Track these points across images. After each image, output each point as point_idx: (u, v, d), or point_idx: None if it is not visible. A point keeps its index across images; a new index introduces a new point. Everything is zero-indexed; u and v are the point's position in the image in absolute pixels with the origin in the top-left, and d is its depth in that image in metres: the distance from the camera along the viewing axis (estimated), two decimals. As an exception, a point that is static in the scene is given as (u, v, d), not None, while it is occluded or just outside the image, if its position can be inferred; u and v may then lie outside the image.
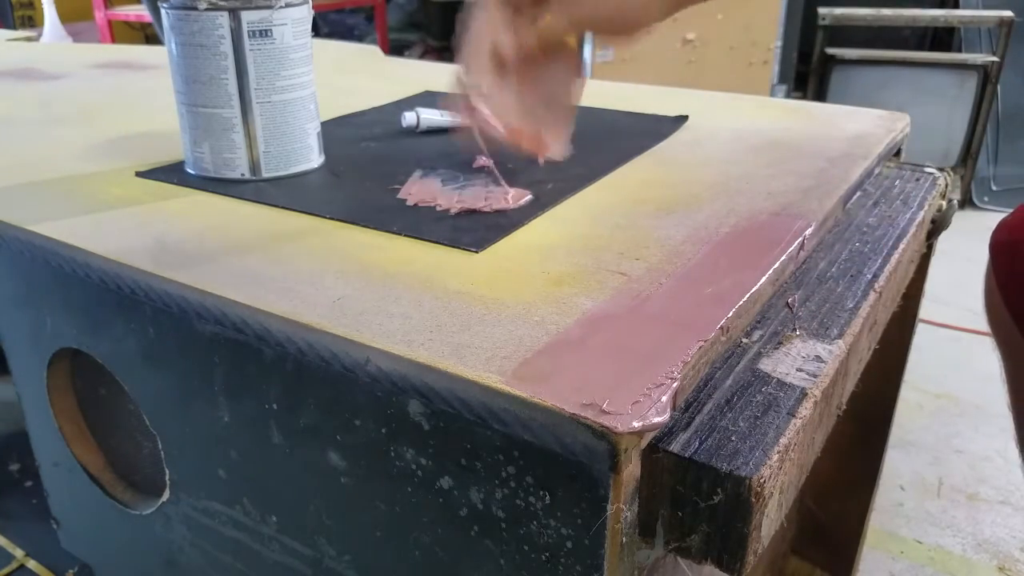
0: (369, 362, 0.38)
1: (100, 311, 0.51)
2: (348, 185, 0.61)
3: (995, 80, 2.23)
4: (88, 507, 0.65)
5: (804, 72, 2.45)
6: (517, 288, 0.43)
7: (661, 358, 0.36)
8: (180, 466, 0.53)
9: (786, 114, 0.79)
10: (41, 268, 0.54)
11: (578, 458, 0.33)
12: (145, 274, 0.47)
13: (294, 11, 0.59)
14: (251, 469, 0.48)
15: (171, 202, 0.58)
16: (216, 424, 0.48)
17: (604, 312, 0.41)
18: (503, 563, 0.38)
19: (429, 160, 0.65)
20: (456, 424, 0.36)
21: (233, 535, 0.52)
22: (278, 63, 0.60)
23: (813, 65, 2.32)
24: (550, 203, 0.55)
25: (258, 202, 0.57)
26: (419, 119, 0.73)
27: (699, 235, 0.50)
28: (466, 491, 0.37)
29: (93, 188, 0.61)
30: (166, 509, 0.56)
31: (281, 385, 0.43)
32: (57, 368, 0.60)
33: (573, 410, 0.32)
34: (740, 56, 2.31)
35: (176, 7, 0.58)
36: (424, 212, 0.54)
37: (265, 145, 0.61)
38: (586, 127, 0.76)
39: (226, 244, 0.50)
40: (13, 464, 1.01)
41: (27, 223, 0.54)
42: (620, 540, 0.34)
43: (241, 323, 0.43)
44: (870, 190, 0.66)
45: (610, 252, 0.48)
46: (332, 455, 0.42)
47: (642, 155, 0.66)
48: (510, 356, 0.37)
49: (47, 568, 0.85)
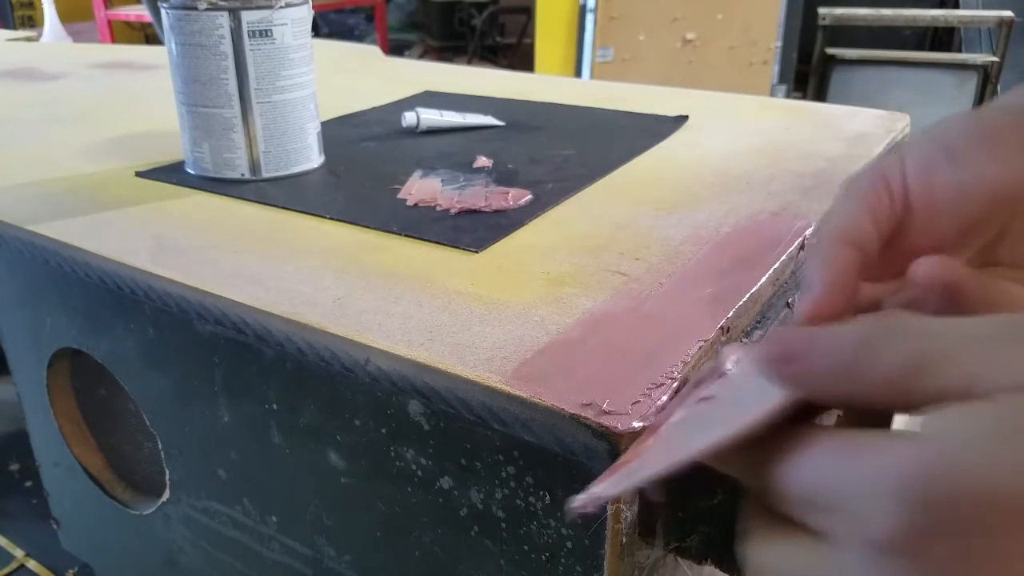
0: (369, 362, 0.38)
1: (100, 311, 0.51)
2: (348, 185, 0.61)
3: (995, 80, 2.23)
4: (88, 507, 0.65)
5: (804, 72, 2.45)
6: (517, 288, 0.43)
7: (661, 358, 0.36)
8: (180, 466, 0.53)
9: (786, 114, 0.79)
10: (41, 268, 0.54)
11: (578, 458, 0.33)
12: (145, 274, 0.47)
13: (294, 11, 0.59)
14: (251, 469, 0.48)
15: (171, 202, 0.58)
16: (216, 424, 0.48)
17: (604, 312, 0.41)
18: (503, 563, 0.38)
19: (429, 160, 0.65)
20: (456, 424, 0.36)
21: (233, 535, 0.52)
22: (278, 63, 0.60)
23: (813, 65, 2.32)
24: (550, 203, 0.55)
25: (258, 202, 0.57)
26: (419, 119, 0.73)
27: (699, 235, 0.50)
28: (466, 491, 0.37)
29: (93, 188, 0.61)
30: (166, 509, 0.56)
31: (281, 385, 0.43)
32: (57, 368, 0.60)
33: (573, 410, 0.32)
34: (740, 56, 2.31)
35: (176, 7, 0.58)
36: (424, 212, 0.54)
37: (265, 145, 0.61)
38: (586, 127, 0.76)
39: (226, 244, 0.50)
40: (13, 464, 1.01)
41: (27, 223, 0.54)
42: (620, 540, 0.34)
43: (241, 323, 0.43)
44: (870, 190, 0.66)
45: (610, 252, 0.48)
46: (332, 455, 0.42)
47: (642, 155, 0.66)
48: (510, 356, 0.37)
49: (47, 568, 0.85)
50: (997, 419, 0.19)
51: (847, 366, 0.22)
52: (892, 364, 0.22)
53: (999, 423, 0.19)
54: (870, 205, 0.28)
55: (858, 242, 0.28)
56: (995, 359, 0.20)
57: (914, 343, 0.22)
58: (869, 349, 0.22)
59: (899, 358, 0.22)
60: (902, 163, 0.29)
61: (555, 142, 0.70)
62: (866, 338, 0.22)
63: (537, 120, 0.78)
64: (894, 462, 0.20)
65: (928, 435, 0.20)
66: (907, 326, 0.22)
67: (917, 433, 0.21)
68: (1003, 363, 0.20)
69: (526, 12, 3.77)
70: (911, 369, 0.21)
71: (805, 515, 0.22)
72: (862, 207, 0.28)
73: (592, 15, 2.14)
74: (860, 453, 0.21)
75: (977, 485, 0.18)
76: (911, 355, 0.21)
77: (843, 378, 0.22)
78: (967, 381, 0.20)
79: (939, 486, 0.19)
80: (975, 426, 0.19)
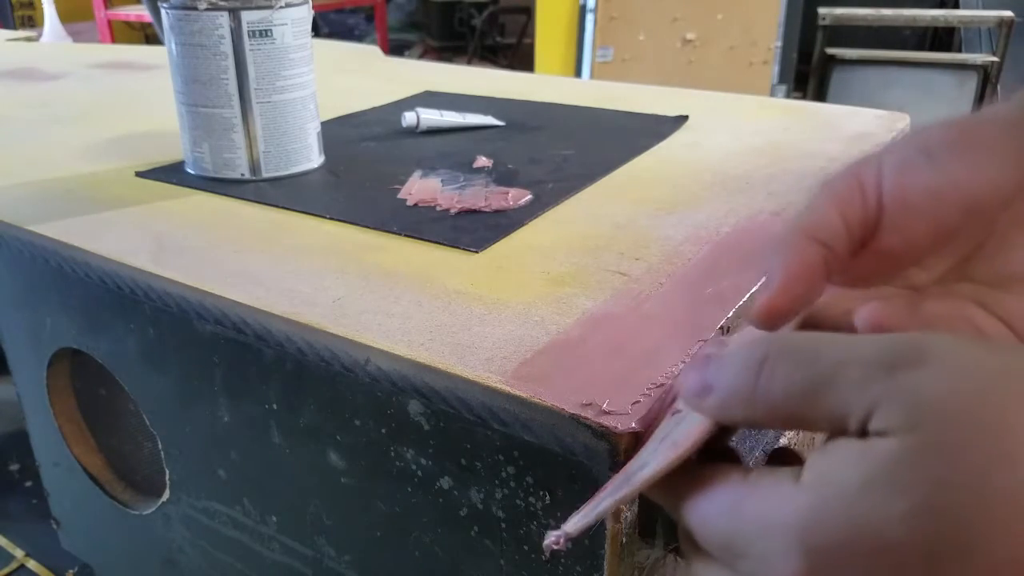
0: (369, 362, 0.38)
1: (100, 311, 0.51)
2: (348, 185, 0.61)
3: (995, 80, 2.23)
4: (88, 507, 0.65)
5: (804, 72, 2.45)
6: (517, 288, 0.43)
7: (661, 358, 0.36)
8: (180, 466, 0.53)
9: (786, 114, 0.79)
10: (41, 268, 0.54)
11: (578, 458, 0.33)
12: (145, 274, 0.47)
13: (294, 11, 0.59)
14: (251, 469, 0.48)
15: (171, 202, 0.58)
16: (216, 424, 0.48)
17: (604, 312, 0.41)
18: (503, 563, 0.38)
19: (429, 160, 0.65)
20: (456, 424, 0.36)
21: (233, 535, 0.52)
22: (278, 63, 0.60)
23: (813, 65, 2.32)
24: (550, 203, 0.55)
25: (258, 202, 0.57)
26: (419, 119, 0.73)
27: (699, 235, 0.50)
28: (466, 491, 0.37)
29: (93, 188, 0.61)
30: (166, 509, 0.56)
31: (281, 385, 0.43)
32: (57, 368, 0.60)
33: (573, 410, 0.32)
34: (740, 56, 2.31)
35: (176, 7, 0.58)
36: (424, 212, 0.54)
37: (265, 145, 0.61)
38: (586, 127, 0.76)
39: (226, 244, 0.50)
40: (13, 464, 1.01)
41: (27, 223, 0.54)
42: (620, 540, 0.34)
43: (241, 323, 0.43)
44: (870, 190, 0.66)
45: (610, 252, 0.48)
46: (332, 455, 0.42)
47: (642, 155, 0.66)
48: (510, 356, 0.37)
49: (47, 568, 0.85)
50: (889, 464, 0.19)
51: (746, 394, 0.22)
52: (782, 390, 0.22)
53: (891, 468, 0.19)
54: (841, 203, 0.28)
55: (824, 239, 0.27)
56: (886, 389, 0.20)
57: (802, 367, 0.21)
58: (762, 374, 0.22)
59: (787, 383, 0.22)
60: (879, 164, 0.28)
61: (555, 142, 0.70)
62: (758, 361, 0.22)
63: (537, 120, 0.78)
64: (787, 508, 0.20)
65: (817, 478, 0.20)
66: (796, 346, 0.22)
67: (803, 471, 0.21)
68: (893, 394, 0.20)
69: (526, 12, 3.77)
70: (801, 395, 0.21)
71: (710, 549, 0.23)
72: (832, 205, 0.28)
73: (592, 15, 2.14)
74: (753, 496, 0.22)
75: (870, 534, 0.19)
76: (799, 380, 0.21)
77: (745, 405, 0.23)
78: (860, 412, 0.20)
79: (833, 535, 0.19)
80: (865, 471, 0.19)
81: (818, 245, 0.27)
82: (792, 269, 0.27)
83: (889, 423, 0.19)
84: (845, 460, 0.20)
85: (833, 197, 0.28)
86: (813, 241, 0.27)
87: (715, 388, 0.23)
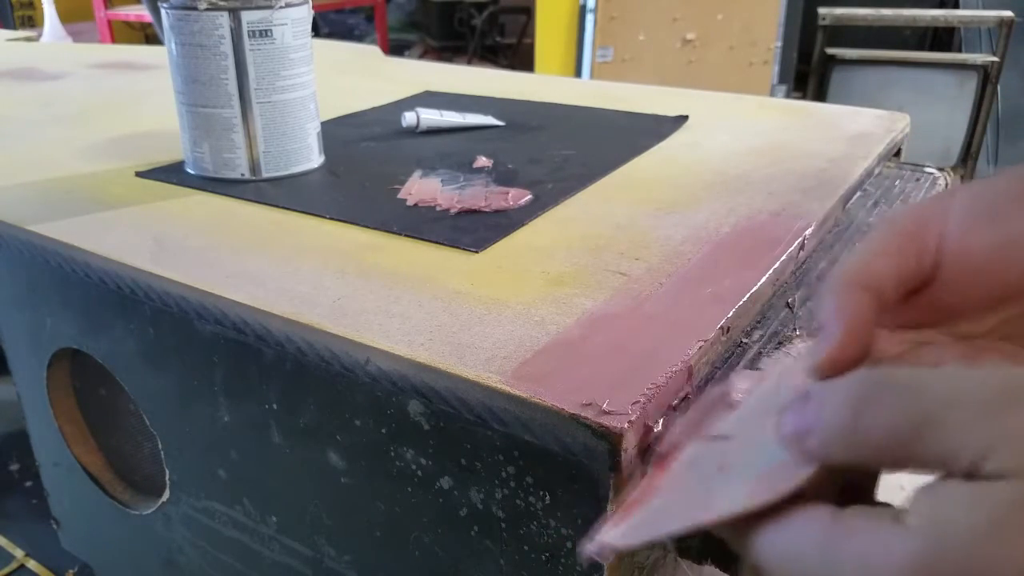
0: (369, 362, 0.38)
1: (100, 311, 0.51)
2: (348, 185, 0.61)
3: (995, 80, 2.23)
4: (88, 507, 0.65)
5: (804, 72, 2.45)
6: (517, 288, 0.43)
7: (661, 358, 0.36)
8: (180, 466, 0.53)
9: (786, 114, 0.79)
10: (41, 268, 0.54)
11: (578, 458, 0.33)
12: (145, 274, 0.47)
13: (294, 11, 0.59)
14: (251, 469, 0.48)
15: (171, 202, 0.58)
16: (216, 424, 0.48)
17: (604, 312, 0.41)
18: (503, 563, 0.38)
19: (429, 160, 0.65)
20: (456, 424, 0.36)
21: (233, 535, 0.52)
22: (278, 63, 0.60)
23: (813, 65, 2.32)
24: (550, 203, 0.55)
25: (258, 202, 0.57)
26: (419, 119, 0.73)
27: (699, 235, 0.50)
28: (466, 491, 0.37)
29: (93, 188, 0.61)
30: (166, 509, 0.56)
31: (281, 385, 0.43)
32: (57, 368, 0.60)
33: (573, 410, 0.32)
34: (740, 56, 2.31)
35: (176, 7, 0.58)
36: (424, 212, 0.54)
37: (265, 145, 0.61)
38: (586, 127, 0.76)
39: (226, 244, 0.50)
40: (13, 464, 1.01)
41: (27, 223, 0.54)
42: (620, 540, 0.34)
43: (241, 323, 0.43)
44: (870, 190, 0.66)
45: (610, 252, 0.48)
46: (332, 455, 0.42)
47: (642, 155, 0.66)
48: (510, 356, 0.37)
49: (47, 568, 0.85)
50: (1010, 509, 0.18)
51: (848, 434, 0.22)
52: (886, 429, 0.21)
53: (1011, 514, 0.18)
54: (897, 252, 0.27)
55: (876, 288, 0.26)
56: (1001, 429, 0.19)
57: (907, 405, 0.21)
58: (865, 412, 0.21)
59: (891, 422, 0.21)
60: (944, 214, 0.27)
61: (555, 142, 0.70)
62: (859, 400, 0.21)
63: (537, 120, 0.78)
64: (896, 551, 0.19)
65: (928, 522, 0.20)
66: (897, 381, 0.21)
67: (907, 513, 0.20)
68: (1006, 434, 0.19)
69: (526, 12, 3.77)
70: (907, 435, 0.20)
71: None
72: (888, 253, 0.27)
73: (592, 15, 2.14)
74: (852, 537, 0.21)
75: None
76: (904, 419, 0.20)
77: (847, 445, 0.22)
78: (971, 453, 0.19)
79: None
80: (984, 516, 0.18)
81: (871, 294, 0.26)
82: (849, 323, 0.26)
83: (1005, 465, 0.19)
84: (959, 504, 0.19)
85: (890, 244, 0.27)
86: (865, 290, 0.26)
87: (815, 429, 0.22)
